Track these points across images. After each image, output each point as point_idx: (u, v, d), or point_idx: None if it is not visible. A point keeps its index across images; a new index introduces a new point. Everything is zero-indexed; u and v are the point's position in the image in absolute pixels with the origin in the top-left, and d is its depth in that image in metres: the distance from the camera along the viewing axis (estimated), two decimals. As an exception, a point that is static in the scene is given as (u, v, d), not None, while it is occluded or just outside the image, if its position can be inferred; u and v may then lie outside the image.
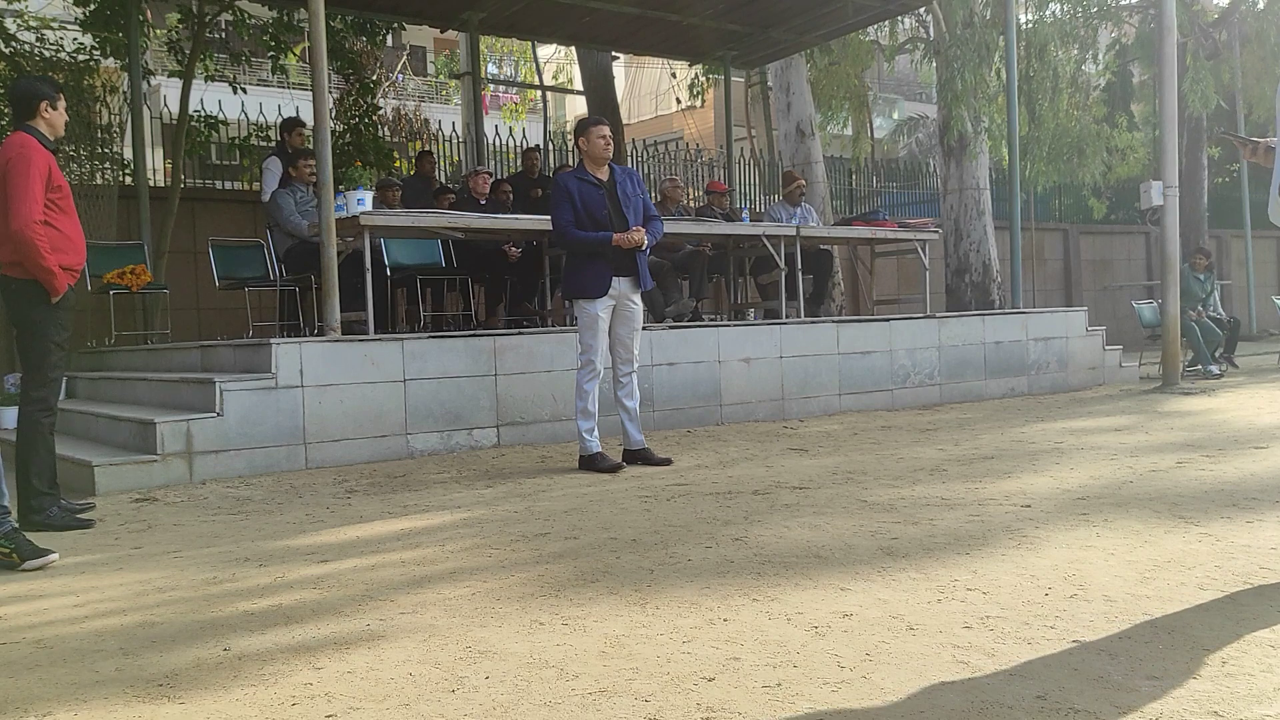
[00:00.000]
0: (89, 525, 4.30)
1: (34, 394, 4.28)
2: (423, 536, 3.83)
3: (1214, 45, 17.17)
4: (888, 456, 5.51)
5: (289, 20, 11.29)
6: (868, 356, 8.22)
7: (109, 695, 2.23)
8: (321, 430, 5.74)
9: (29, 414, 4.28)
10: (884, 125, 26.06)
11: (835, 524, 3.76)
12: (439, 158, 12.69)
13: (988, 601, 2.69)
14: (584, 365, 5.45)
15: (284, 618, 2.79)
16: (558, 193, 5.44)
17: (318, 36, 6.09)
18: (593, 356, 5.40)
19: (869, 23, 12.30)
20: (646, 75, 26.68)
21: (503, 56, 25.71)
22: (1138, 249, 18.75)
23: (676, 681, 2.18)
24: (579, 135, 5.51)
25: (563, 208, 5.37)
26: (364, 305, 6.55)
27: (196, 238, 9.86)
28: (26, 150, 4.11)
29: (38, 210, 4.09)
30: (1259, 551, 3.13)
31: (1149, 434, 6.12)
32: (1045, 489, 4.35)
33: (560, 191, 5.42)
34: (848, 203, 16.33)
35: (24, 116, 4.28)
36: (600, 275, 5.37)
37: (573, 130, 5.63)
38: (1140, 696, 2.01)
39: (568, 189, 5.39)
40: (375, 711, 2.08)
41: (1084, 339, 9.79)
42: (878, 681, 2.13)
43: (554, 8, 10.12)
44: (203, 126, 10.85)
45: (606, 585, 3.00)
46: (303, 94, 15.40)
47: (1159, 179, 9.26)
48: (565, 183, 5.44)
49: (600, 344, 5.41)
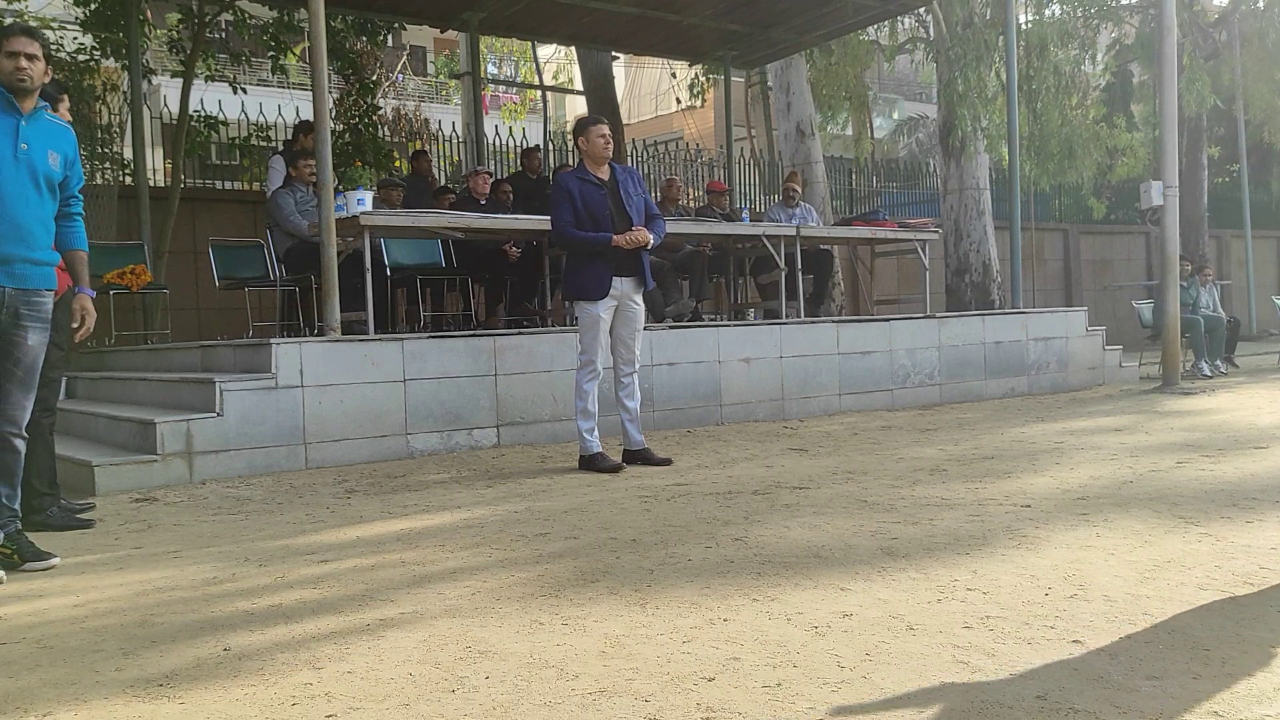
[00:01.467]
0: (89, 525, 4.30)
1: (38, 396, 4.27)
2: (423, 536, 3.83)
3: (1214, 45, 17.17)
4: (888, 456, 5.51)
5: (289, 20, 11.30)
6: (868, 356, 8.22)
7: (109, 695, 2.23)
8: (321, 430, 5.74)
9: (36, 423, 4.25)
10: (884, 125, 26.06)
11: (835, 524, 3.76)
12: (439, 158, 12.69)
13: (988, 601, 2.69)
14: (584, 365, 5.44)
15: (284, 617, 2.79)
16: (558, 192, 5.41)
17: (318, 36, 6.10)
18: (593, 357, 5.40)
19: (869, 23, 12.30)
20: (646, 75, 26.69)
21: (503, 57, 25.72)
22: (1138, 249, 18.75)
23: (676, 681, 2.18)
24: (578, 135, 5.49)
25: (563, 207, 5.34)
26: (364, 305, 6.55)
27: (196, 238, 9.86)
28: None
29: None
30: (1259, 551, 3.13)
31: (1149, 434, 6.12)
32: (1045, 489, 4.35)
33: (560, 191, 5.40)
34: (848, 203, 16.34)
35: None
36: (600, 276, 5.34)
37: (572, 130, 5.62)
38: (1140, 696, 2.01)
39: (568, 189, 5.37)
40: (375, 711, 2.08)
41: (1084, 339, 9.80)
42: (878, 681, 2.13)
43: (554, 8, 10.12)
44: (203, 126, 10.85)
45: (606, 585, 3.00)
46: (303, 94, 15.40)
47: (1159, 179, 9.27)
48: (566, 183, 5.42)
49: (600, 345, 5.40)
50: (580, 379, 5.44)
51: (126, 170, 10.02)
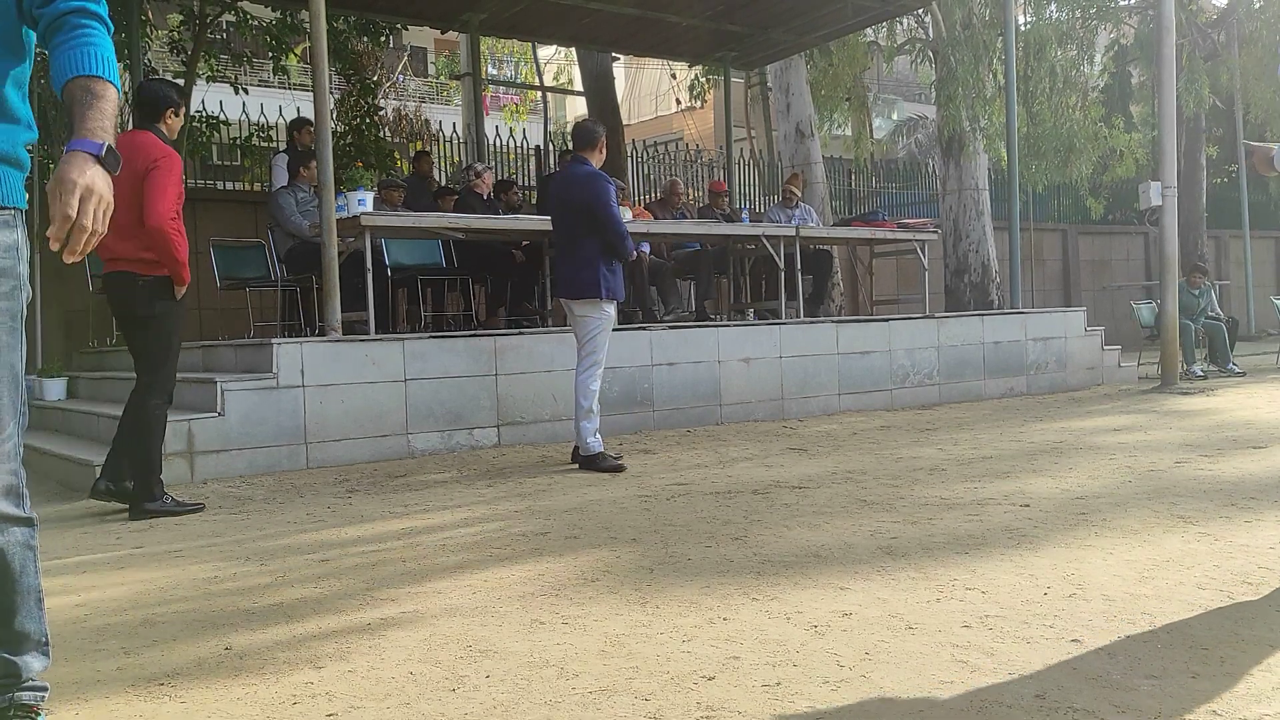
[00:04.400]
0: (200, 508, 4.58)
1: (158, 385, 4.49)
2: (423, 536, 3.84)
3: (1212, 46, 17.18)
4: (887, 456, 5.52)
5: (290, 21, 11.30)
6: (867, 356, 8.23)
7: (110, 694, 2.24)
8: (322, 430, 5.75)
9: (153, 406, 4.46)
10: (883, 126, 26.05)
11: (835, 524, 3.76)
12: (439, 158, 12.69)
13: (987, 601, 2.70)
14: (596, 365, 5.46)
15: (285, 616, 2.80)
16: (611, 192, 5.46)
17: (319, 37, 6.11)
18: (603, 357, 5.49)
19: (869, 23, 12.30)
20: (646, 76, 26.70)
21: (503, 58, 25.74)
22: (1136, 249, 18.76)
23: (676, 680, 2.19)
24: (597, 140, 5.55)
25: (616, 205, 5.51)
26: (365, 305, 6.56)
27: (198, 238, 9.82)
28: (174, 155, 4.42)
29: (173, 208, 4.35)
30: (1257, 551, 3.14)
31: (1147, 434, 6.13)
32: (1044, 489, 4.36)
33: (612, 191, 5.49)
34: (847, 203, 16.34)
35: (149, 118, 4.51)
36: (623, 279, 5.56)
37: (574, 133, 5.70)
38: (1139, 695, 2.01)
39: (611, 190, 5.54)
40: (376, 710, 2.08)
41: (1082, 339, 9.80)
42: (877, 681, 2.14)
43: (554, 9, 10.12)
44: (204, 127, 10.86)
45: (606, 584, 3.01)
46: (304, 94, 15.42)
47: (1158, 179, 9.28)
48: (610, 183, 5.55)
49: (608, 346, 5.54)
50: (589, 379, 5.44)
51: (127, 170, 9.99)
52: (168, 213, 4.30)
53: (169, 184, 4.33)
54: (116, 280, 4.46)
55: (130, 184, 4.24)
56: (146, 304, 4.41)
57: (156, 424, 4.48)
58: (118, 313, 4.60)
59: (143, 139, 4.40)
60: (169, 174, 4.34)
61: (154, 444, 4.47)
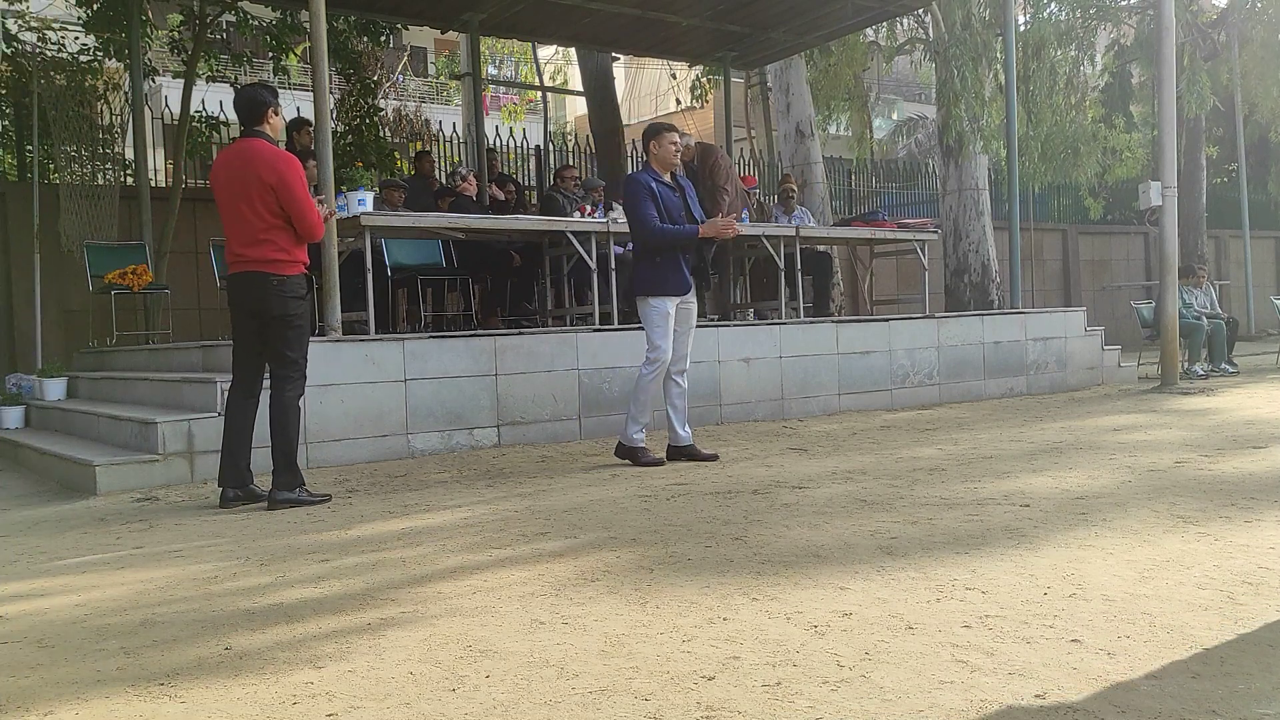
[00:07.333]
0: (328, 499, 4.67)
1: (295, 378, 4.60)
2: (423, 535, 3.84)
3: (1213, 46, 17.17)
4: (887, 456, 5.52)
5: (290, 21, 11.31)
6: (867, 356, 8.23)
7: (110, 694, 2.24)
8: (322, 430, 5.75)
9: (291, 399, 4.57)
10: (883, 126, 26.06)
11: (835, 524, 3.76)
12: (439, 158, 12.70)
13: (987, 601, 2.70)
14: (654, 361, 5.41)
15: (285, 616, 2.80)
16: (639, 190, 5.39)
17: (319, 37, 6.10)
18: (663, 355, 5.40)
19: (868, 23, 12.30)
20: (646, 76, 26.69)
21: (503, 58, 25.74)
22: (1136, 249, 18.77)
23: (676, 680, 2.19)
24: (650, 139, 5.52)
25: (647, 204, 5.36)
26: (365, 305, 6.56)
27: (198, 238, 9.87)
28: (290, 158, 4.55)
29: (314, 209, 4.54)
30: (1257, 551, 3.14)
31: (1147, 433, 6.13)
32: (1044, 488, 4.36)
33: (642, 189, 5.38)
34: (847, 203, 16.34)
35: (253, 122, 4.59)
36: (681, 272, 5.42)
37: (643, 134, 5.66)
38: (1139, 696, 2.01)
39: (649, 187, 5.39)
40: (376, 710, 2.08)
41: (1082, 339, 9.81)
42: (877, 681, 2.14)
43: (554, 9, 10.12)
44: (204, 127, 10.86)
45: (606, 584, 3.01)
46: (304, 94, 15.39)
47: (1158, 179, 9.28)
48: (646, 181, 5.42)
49: (670, 341, 5.42)
50: (647, 375, 5.41)
51: (128, 170, 10.02)
52: (319, 220, 4.58)
53: (303, 193, 4.49)
54: (246, 280, 4.53)
55: (257, 192, 4.39)
56: (282, 303, 4.51)
57: (295, 414, 4.62)
58: (248, 310, 4.62)
59: (256, 146, 4.49)
60: (299, 182, 4.48)
61: (293, 434, 4.59)
